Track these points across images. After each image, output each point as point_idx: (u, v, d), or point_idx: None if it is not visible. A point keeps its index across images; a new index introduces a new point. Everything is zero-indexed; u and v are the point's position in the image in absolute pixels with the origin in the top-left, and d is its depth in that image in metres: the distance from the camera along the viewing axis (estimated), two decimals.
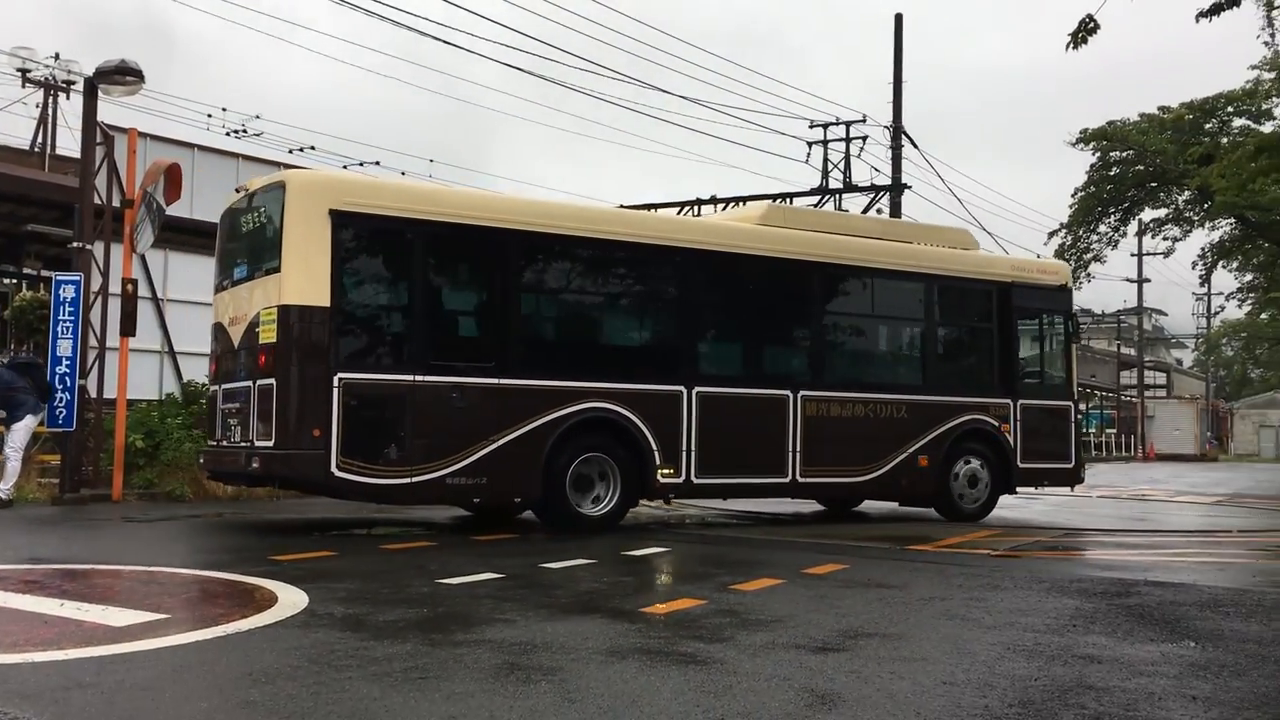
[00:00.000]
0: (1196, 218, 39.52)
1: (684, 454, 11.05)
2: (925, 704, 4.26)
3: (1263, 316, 51.00)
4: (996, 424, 13.13)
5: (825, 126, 22.88)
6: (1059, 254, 36.02)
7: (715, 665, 4.83)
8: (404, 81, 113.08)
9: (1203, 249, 41.77)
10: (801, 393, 11.84)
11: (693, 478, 11.09)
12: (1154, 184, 38.18)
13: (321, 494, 10.90)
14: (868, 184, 22.58)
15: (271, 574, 7.22)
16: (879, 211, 22.16)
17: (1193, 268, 43.82)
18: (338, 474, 9.37)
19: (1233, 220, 38.02)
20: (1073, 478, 14.02)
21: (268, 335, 9.54)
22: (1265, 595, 7.38)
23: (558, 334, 11.21)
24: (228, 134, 21.14)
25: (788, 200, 21.97)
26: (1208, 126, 35.14)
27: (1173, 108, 36.03)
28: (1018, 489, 13.75)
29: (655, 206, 21.36)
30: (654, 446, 10.83)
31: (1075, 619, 6.21)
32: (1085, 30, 8.89)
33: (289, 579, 7.00)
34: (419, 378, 9.74)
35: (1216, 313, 61.15)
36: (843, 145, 22.73)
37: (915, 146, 23.39)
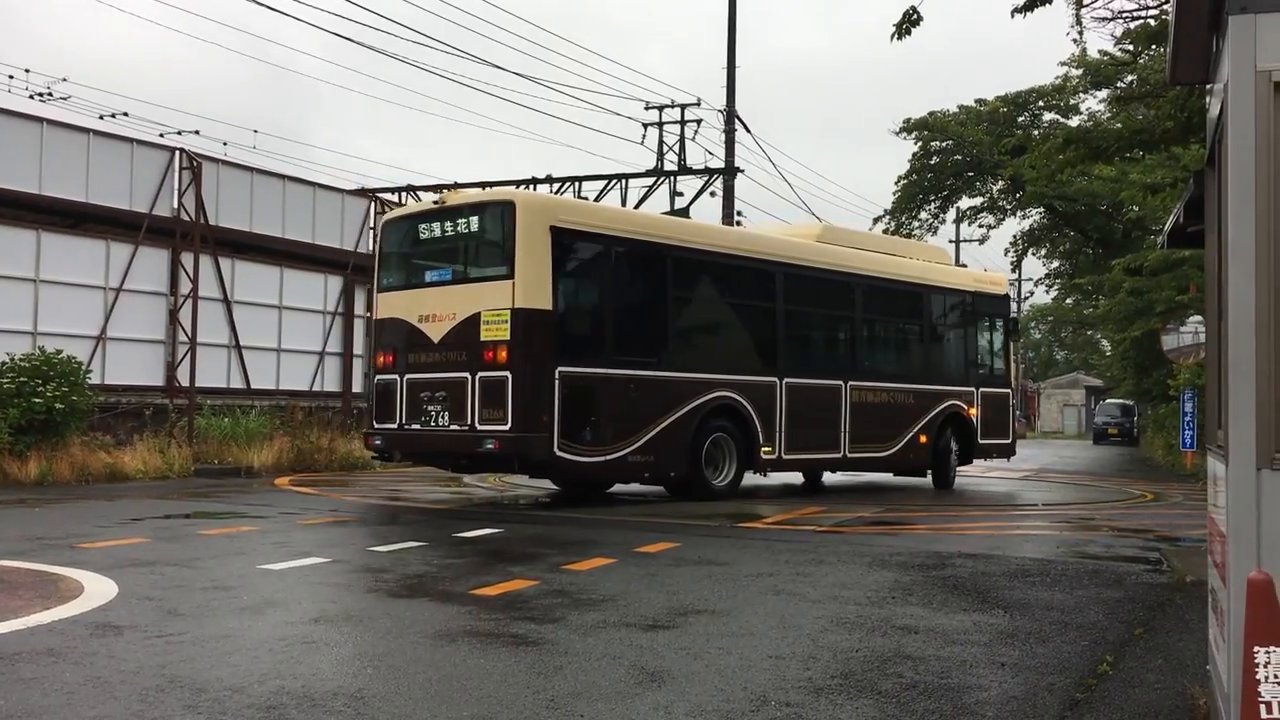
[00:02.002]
0: (1009, 207, 41.58)
1: (777, 434, 13.07)
2: (752, 678, 4.34)
3: (1067, 301, 54.09)
4: (966, 408, 15.86)
5: (660, 109, 23.00)
6: None
7: (546, 646, 4.81)
8: (222, 46, 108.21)
9: (1014, 237, 44.05)
10: (850, 382, 14.16)
11: (783, 454, 13.16)
12: (971, 173, 39.93)
13: (543, 474, 12.14)
14: (702, 167, 22.85)
15: (79, 563, 6.85)
16: (712, 195, 22.59)
17: (1005, 255, 46.18)
18: (558, 454, 10.83)
19: (1042, 210, 40.15)
20: (1010, 451, 17.11)
21: (496, 333, 10.79)
22: (1068, 565, 7.82)
23: (697, 333, 13.08)
24: (31, 97, 19.78)
25: (624, 181, 22.15)
26: (1020, 119, 36.94)
27: (989, 100, 37.75)
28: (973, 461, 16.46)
29: (489, 184, 21.14)
30: (759, 428, 12.80)
31: (894, 591, 6.44)
32: (909, 22, 9.20)
33: (98, 568, 6.65)
34: (610, 370, 11.39)
35: (1026, 298, 64.47)
36: (678, 128, 22.89)
37: (748, 131, 23.85)
